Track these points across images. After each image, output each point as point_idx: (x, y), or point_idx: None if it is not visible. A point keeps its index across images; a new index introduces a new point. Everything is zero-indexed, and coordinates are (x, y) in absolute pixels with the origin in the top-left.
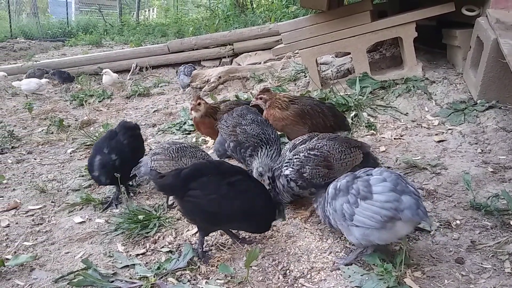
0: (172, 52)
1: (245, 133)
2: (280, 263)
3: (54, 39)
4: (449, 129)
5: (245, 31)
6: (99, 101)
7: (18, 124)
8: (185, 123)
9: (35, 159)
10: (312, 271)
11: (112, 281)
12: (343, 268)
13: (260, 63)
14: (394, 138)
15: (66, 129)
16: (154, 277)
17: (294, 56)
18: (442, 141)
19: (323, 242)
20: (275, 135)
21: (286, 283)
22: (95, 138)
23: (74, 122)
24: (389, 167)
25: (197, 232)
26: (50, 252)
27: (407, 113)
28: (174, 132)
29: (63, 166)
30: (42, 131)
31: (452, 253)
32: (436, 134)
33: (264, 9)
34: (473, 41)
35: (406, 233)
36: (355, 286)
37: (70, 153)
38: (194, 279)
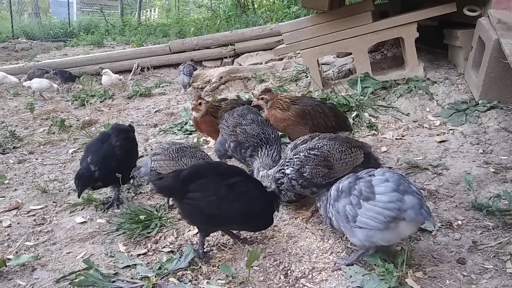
0: (174, 52)
1: (245, 133)
2: (282, 263)
3: (56, 39)
4: (451, 129)
5: (247, 32)
6: (101, 101)
7: (19, 124)
8: (186, 123)
9: (36, 159)
10: (313, 271)
11: (114, 281)
12: (345, 268)
13: (262, 63)
14: (396, 139)
15: (68, 129)
16: (155, 277)
17: (295, 56)
18: (444, 141)
19: (324, 243)
20: (275, 135)
21: (288, 283)
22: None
23: (76, 122)
24: (390, 167)
25: (198, 232)
26: (52, 252)
27: (409, 113)
28: (175, 132)
29: (64, 166)
30: (43, 131)
31: (453, 254)
32: (438, 135)
33: (265, 9)
34: (475, 42)
35: (409, 233)
36: (357, 287)
37: (72, 153)
38: (196, 279)
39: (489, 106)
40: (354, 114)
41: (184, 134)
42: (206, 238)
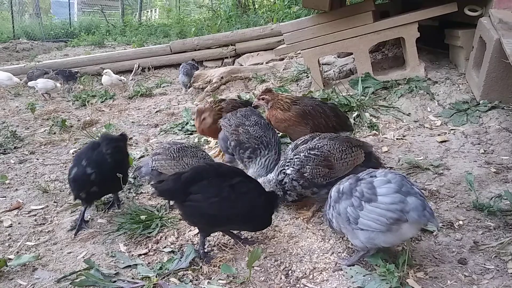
0: (174, 52)
1: (247, 134)
2: (282, 263)
3: (57, 40)
4: (452, 129)
5: (247, 32)
6: (102, 102)
7: (20, 124)
8: (187, 123)
9: (37, 159)
10: (314, 272)
11: (114, 281)
12: (346, 268)
13: (262, 64)
14: (397, 139)
15: (69, 130)
16: (156, 277)
17: (296, 56)
18: (445, 141)
19: (325, 243)
20: (276, 140)
21: (288, 283)
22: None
23: (77, 122)
24: (391, 167)
25: (199, 233)
26: (53, 252)
27: (410, 113)
28: (176, 133)
29: (65, 166)
30: (44, 131)
31: (455, 254)
32: (439, 135)
33: (266, 9)
34: (476, 41)
35: (412, 235)
36: (357, 287)
37: (73, 153)
38: (196, 279)
39: (490, 106)
40: (355, 114)
41: (185, 134)
42: (207, 238)
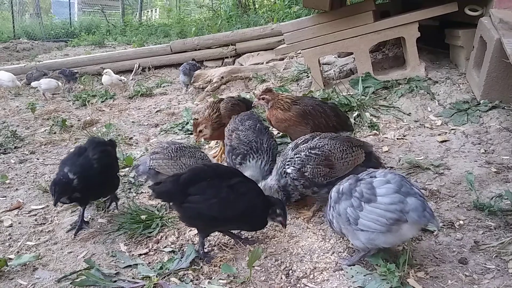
0: (175, 52)
1: (238, 139)
2: (283, 263)
3: (57, 40)
4: (452, 129)
5: (248, 31)
6: (102, 101)
7: (21, 124)
8: (187, 123)
9: (38, 159)
10: (315, 271)
11: (115, 281)
12: (346, 268)
13: (263, 63)
14: (397, 138)
15: (69, 129)
16: (156, 277)
17: (296, 56)
18: (445, 141)
19: (325, 242)
20: (269, 145)
21: (289, 283)
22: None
23: (77, 122)
24: (392, 167)
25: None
26: (53, 252)
27: (410, 113)
28: (176, 132)
29: None
30: (45, 131)
31: (455, 254)
32: (439, 134)
33: (266, 9)
34: (476, 41)
35: (412, 236)
36: (358, 286)
37: None
38: (197, 279)
39: (491, 106)
40: (356, 114)
41: (185, 134)
42: (207, 238)
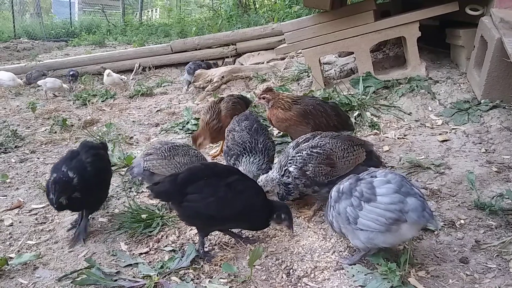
0: (175, 52)
1: (233, 140)
2: (284, 262)
3: (58, 39)
4: (453, 128)
5: (248, 31)
6: (102, 101)
7: (21, 123)
8: (188, 122)
9: (38, 158)
10: (315, 270)
11: (116, 280)
12: (347, 267)
13: (263, 63)
14: (398, 138)
15: (69, 129)
16: (157, 276)
17: (297, 55)
18: (446, 140)
19: (326, 242)
20: (265, 145)
21: (290, 282)
22: (98, 137)
23: (77, 121)
24: (392, 166)
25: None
26: (54, 251)
27: (411, 112)
28: (177, 132)
29: None
30: (45, 130)
31: (456, 253)
32: (440, 134)
33: (267, 9)
34: (477, 41)
35: (411, 236)
36: (359, 286)
37: None
38: (198, 278)
39: (492, 106)
40: (356, 113)
41: (186, 134)
42: (208, 237)
